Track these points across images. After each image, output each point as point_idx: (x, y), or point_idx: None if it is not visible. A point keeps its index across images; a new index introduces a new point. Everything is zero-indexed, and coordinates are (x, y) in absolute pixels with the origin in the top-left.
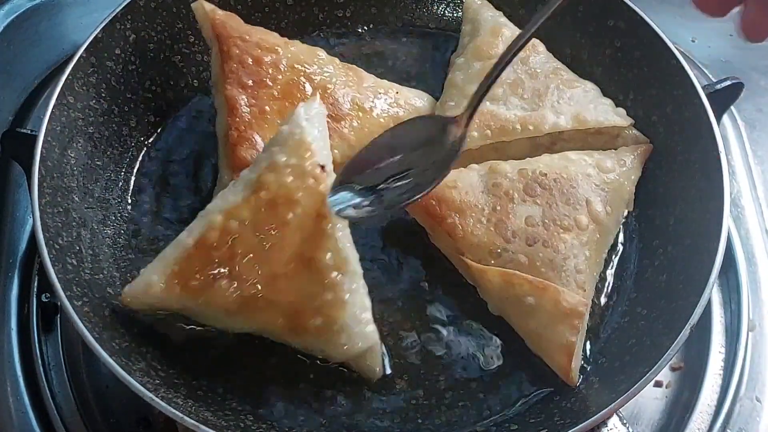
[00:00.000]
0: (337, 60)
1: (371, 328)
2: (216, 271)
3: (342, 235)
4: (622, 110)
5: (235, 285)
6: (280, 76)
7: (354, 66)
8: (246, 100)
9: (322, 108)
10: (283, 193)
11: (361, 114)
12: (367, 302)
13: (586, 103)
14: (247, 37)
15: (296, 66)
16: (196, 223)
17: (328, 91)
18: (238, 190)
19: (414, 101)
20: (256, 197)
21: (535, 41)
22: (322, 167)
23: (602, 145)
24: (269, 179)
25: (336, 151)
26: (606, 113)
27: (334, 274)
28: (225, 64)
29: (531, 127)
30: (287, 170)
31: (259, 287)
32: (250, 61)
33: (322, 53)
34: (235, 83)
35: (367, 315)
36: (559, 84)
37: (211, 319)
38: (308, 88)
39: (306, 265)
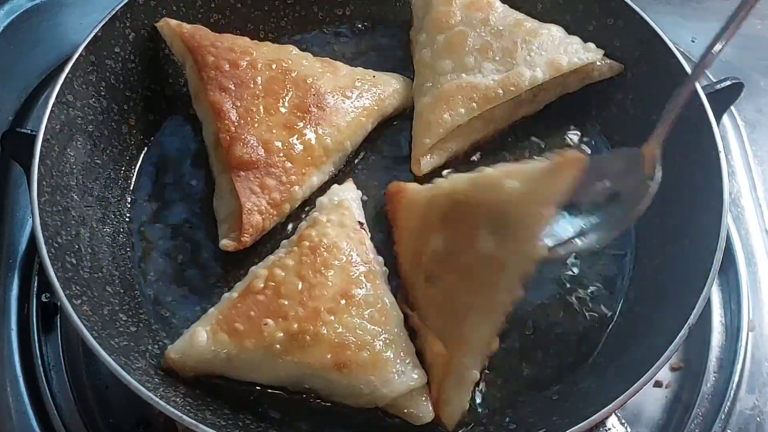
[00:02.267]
0: (309, 55)
1: (419, 369)
2: (262, 312)
3: (383, 280)
4: (591, 44)
5: (280, 322)
6: (259, 76)
7: (327, 58)
8: (231, 102)
9: (356, 191)
10: (325, 242)
11: (345, 100)
12: (412, 346)
13: (555, 48)
14: (219, 44)
15: (273, 64)
16: (240, 282)
17: (308, 83)
18: (280, 250)
19: (391, 83)
20: (300, 247)
21: None
22: (360, 224)
23: (580, 82)
24: (311, 233)
25: (328, 139)
26: (577, 53)
27: (377, 311)
28: (202, 72)
29: (512, 88)
30: (328, 225)
31: (305, 323)
32: (227, 66)
33: (294, 50)
34: (217, 88)
35: (414, 356)
36: (525, 36)
37: (257, 369)
38: (288, 82)
39: (349, 301)
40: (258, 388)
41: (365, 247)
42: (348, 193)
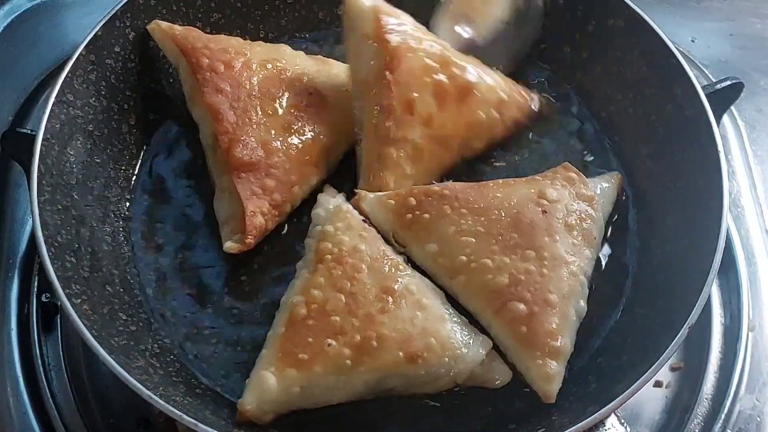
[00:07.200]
0: (302, 53)
1: (481, 336)
2: (318, 335)
3: (409, 265)
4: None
5: (341, 338)
6: (254, 77)
7: (320, 56)
8: (228, 104)
9: (338, 193)
10: (345, 249)
11: (342, 97)
12: (463, 317)
13: None
14: (212, 46)
15: (267, 64)
16: (278, 316)
17: (304, 81)
18: (301, 273)
19: None
20: (323, 264)
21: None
22: (365, 221)
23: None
24: (327, 246)
25: (324, 138)
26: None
27: (419, 297)
28: (197, 74)
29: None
30: (338, 233)
31: (365, 331)
32: (222, 67)
33: (288, 49)
34: (213, 91)
35: (469, 325)
36: None
37: (333, 390)
38: (284, 82)
39: (393, 296)
40: None
41: (380, 241)
42: (337, 198)
